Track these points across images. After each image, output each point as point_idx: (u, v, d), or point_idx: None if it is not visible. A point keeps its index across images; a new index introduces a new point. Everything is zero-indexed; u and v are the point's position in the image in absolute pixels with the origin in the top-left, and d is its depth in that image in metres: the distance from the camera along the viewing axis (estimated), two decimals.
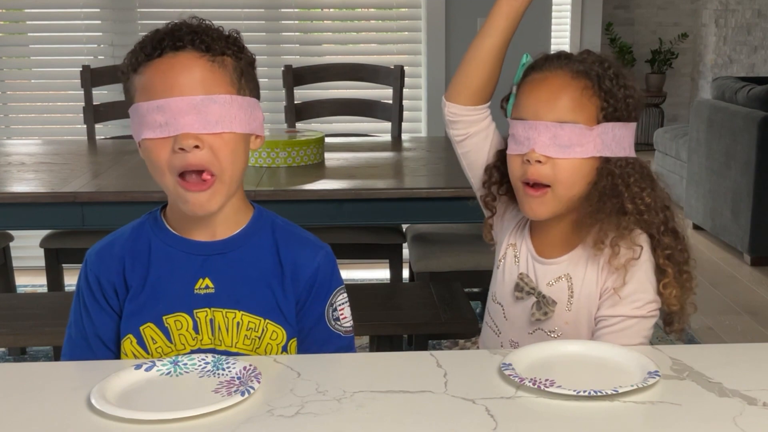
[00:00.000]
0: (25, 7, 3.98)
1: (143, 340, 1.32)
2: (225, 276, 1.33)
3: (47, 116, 4.15)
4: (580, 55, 1.42)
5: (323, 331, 1.38)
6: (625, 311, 1.39)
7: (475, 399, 1.10)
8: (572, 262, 1.44)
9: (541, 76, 1.40)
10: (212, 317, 1.32)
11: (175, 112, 1.22)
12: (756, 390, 1.12)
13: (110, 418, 1.04)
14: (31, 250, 3.49)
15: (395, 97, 3.26)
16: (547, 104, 1.37)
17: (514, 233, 1.51)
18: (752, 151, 4.12)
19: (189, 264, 1.33)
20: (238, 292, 1.33)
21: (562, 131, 1.35)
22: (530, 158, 1.36)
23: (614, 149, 1.38)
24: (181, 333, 1.32)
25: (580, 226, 1.43)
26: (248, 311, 1.33)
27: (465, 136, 1.49)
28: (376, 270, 3.90)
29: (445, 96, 1.49)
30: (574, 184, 1.38)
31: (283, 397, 1.10)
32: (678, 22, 7.54)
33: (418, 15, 4.00)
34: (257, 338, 1.33)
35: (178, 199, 1.27)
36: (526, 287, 1.45)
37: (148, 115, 1.23)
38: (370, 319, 2.30)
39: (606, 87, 1.38)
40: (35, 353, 3.14)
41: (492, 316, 1.53)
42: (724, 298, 3.78)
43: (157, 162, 1.25)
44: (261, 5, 3.97)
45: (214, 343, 1.32)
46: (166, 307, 1.32)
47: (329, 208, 2.28)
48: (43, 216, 2.27)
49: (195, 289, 1.32)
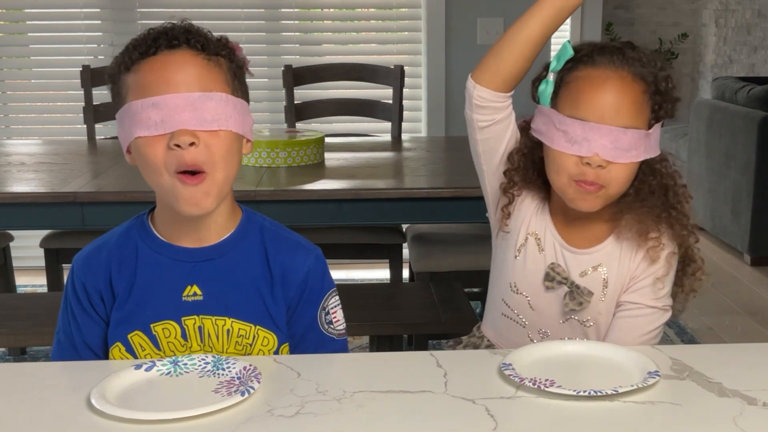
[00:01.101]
0: (25, 7, 3.98)
1: (132, 348, 1.31)
2: (213, 283, 1.31)
3: (47, 116, 4.14)
4: (635, 52, 1.39)
5: (316, 335, 1.37)
6: (646, 300, 1.44)
7: (475, 399, 1.10)
8: (607, 253, 1.45)
9: (601, 74, 1.37)
10: (201, 324, 1.31)
11: (171, 108, 1.21)
12: (756, 390, 1.12)
13: (110, 418, 1.04)
14: (31, 250, 3.49)
15: (395, 97, 3.26)
16: (612, 109, 1.35)
17: (533, 222, 1.49)
18: (752, 151, 4.12)
19: (176, 271, 1.31)
20: (228, 299, 1.31)
21: (624, 136, 1.35)
22: (592, 162, 1.35)
23: (655, 149, 1.41)
24: (170, 341, 1.31)
25: (615, 217, 1.44)
26: (238, 318, 1.32)
27: (491, 122, 1.44)
28: (376, 270, 3.90)
29: (474, 79, 1.42)
30: (626, 184, 1.40)
31: (283, 397, 1.10)
32: (678, 22, 7.54)
33: (418, 15, 4.00)
34: (248, 345, 1.32)
35: (173, 198, 1.25)
36: (558, 277, 1.45)
37: (143, 113, 1.22)
38: (370, 319, 2.30)
39: (662, 89, 1.39)
40: (35, 353, 3.14)
41: (513, 308, 1.50)
42: (724, 298, 3.78)
43: (153, 160, 1.23)
44: (261, 5, 3.97)
45: (203, 350, 1.31)
46: (154, 315, 1.31)
47: (329, 208, 2.28)
48: (43, 216, 2.26)
49: (183, 296, 1.31)
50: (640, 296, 1.44)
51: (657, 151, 1.42)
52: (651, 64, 1.39)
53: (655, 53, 1.43)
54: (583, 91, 1.37)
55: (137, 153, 1.26)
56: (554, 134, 1.38)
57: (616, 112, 1.35)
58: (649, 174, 1.43)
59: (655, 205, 1.43)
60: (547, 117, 1.40)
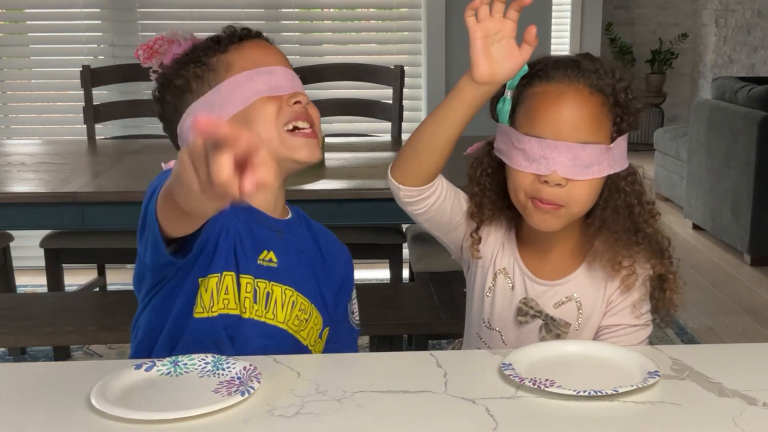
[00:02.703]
0: (25, 7, 3.98)
1: (220, 285, 1.31)
2: (286, 254, 1.37)
3: (47, 116, 4.14)
4: (591, 64, 1.34)
5: (347, 324, 1.48)
6: (627, 321, 1.41)
7: (475, 399, 1.10)
8: (579, 283, 1.41)
9: (556, 89, 1.32)
10: (270, 290, 1.35)
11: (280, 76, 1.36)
12: (756, 390, 1.12)
13: (110, 418, 1.04)
14: (31, 250, 3.49)
15: (395, 97, 3.26)
16: (569, 124, 1.30)
17: (500, 258, 1.45)
18: (752, 151, 4.12)
19: (257, 233, 1.36)
20: (296, 273, 1.38)
21: (583, 152, 1.30)
22: (550, 180, 1.30)
23: (621, 163, 1.36)
24: (247, 296, 1.33)
25: (585, 243, 1.41)
26: (302, 293, 1.38)
27: (425, 207, 1.39)
28: (376, 270, 3.90)
29: (394, 179, 1.37)
30: (588, 202, 1.35)
31: (283, 397, 1.10)
32: (678, 22, 7.54)
33: (418, 15, 4.00)
34: (305, 320, 1.38)
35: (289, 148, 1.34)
36: (531, 311, 1.41)
37: (256, 77, 1.34)
38: (370, 319, 2.30)
39: (621, 101, 1.34)
40: (35, 353, 3.14)
41: (488, 343, 1.47)
42: (724, 298, 3.78)
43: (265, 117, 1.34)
44: (261, 5, 3.97)
45: (266, 316, 1.34)
46: (243, 266, 1.33)
47: (329, 208, 2.28)
48: (43, 216, 2.26)
49: (258, 259, 1.35)
50: (620, 318, 1.41)
51: (623, 165, 1.36)
52: (609, 75, 1.34)
53: (615, 62, 1.38)
54: (538, 108, 1.32)
55: (250, 112, 1.34)
56: (513, 153, 1.34)
57: (573, 128, 1.30)
58: (614, 191, 1.37)
59: (624, 228, 1.37)
60: (506, 135, 1.36)
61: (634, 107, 1.36)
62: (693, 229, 4.80)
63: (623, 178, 1.38)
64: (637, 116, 1.36)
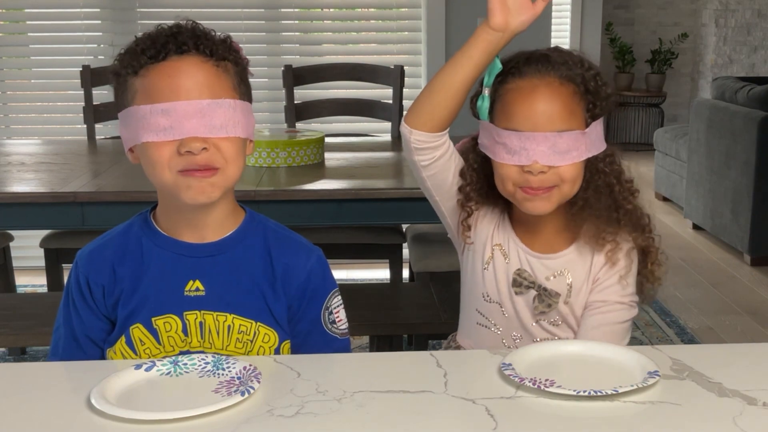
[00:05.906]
0: (25, 7, 3.98)
1: (131, 341, 1.32)
2: (215, 279, 1.33)
3: (47, 116, 4.14)
4: (560, 56, 1.43)
5: (320, 335, 1.39)
6: (613, 297, 1.48)
7: (475, 399, 1.10)
8: (570, 260, 1.49)
9: (529, 84, 1.40)
10: (202, 320, 1.32)
11: (181, 115, 1.23)
12: (756, 390, 1.13)
13: (110, 418, 1.04)
14: (31, 250, 3.49)
15: (395, 97, 3.26)
16: (544, 115, 1.38)
17: (496, 234, 1.52)
18: (752, 151, 4.12)
19: (179, 265, 1.33)
20: (229, 295, 1.33)
21: (560, 140, 1.38)
22: (533, 170, 1.38)
23: (598, 146, 1.44)
24: (170, 335, 1.32)
25: (572, 222, 1.48)
26: (239, 314, 1.33)
27: (432, 159, 1.46)
28: (376, 270, 3.90)
29: (408, 123, 1.45)
30: (577, 179, 1.43)
31: (283, 397, 1.10)
32: (678, 22, 7.54)
33: (418, 15, 4.00)
34: (249, 341, 1.33)
35: (179, 190, 1.26)
36: (525, 282, 1.49)
37: (151, 118, 1.23)
38: (370, 319, 2.30)
39: (591, 88, 1.42)
40: (35, 353, 3.14)
41: (487, 317, 1.54)
42: (724, 298, 3.78)
43: (158, 160, 1.25)
44: (261, 5, 3.97)
45: (203, 346, 1.32)
46: (156, 309, 1.32)
47: (329, 208, 2.28)
48: (43, 216, 2.26)
49: (185, 291, 1.32)
50: (607, 294, 1.48)
51: (600, 148, 1.44)
52: (578, 66, 1.42)
53: (582, 54, 1.46)
54: (514, 103, 1.40)
55: (143, 154, 1.28)
56: (495, 147, 1.42)
57: (548, 119, 1.38)
58: (594, 173, 1.46)
59: (605, 206, 1.46)
60: (487, 131, 1.44)
61: (605, 93, 1.44)
62: (693, 229, 4.80)
63: (601, 160, 1.46)
64: (608, 101, 1.45)
